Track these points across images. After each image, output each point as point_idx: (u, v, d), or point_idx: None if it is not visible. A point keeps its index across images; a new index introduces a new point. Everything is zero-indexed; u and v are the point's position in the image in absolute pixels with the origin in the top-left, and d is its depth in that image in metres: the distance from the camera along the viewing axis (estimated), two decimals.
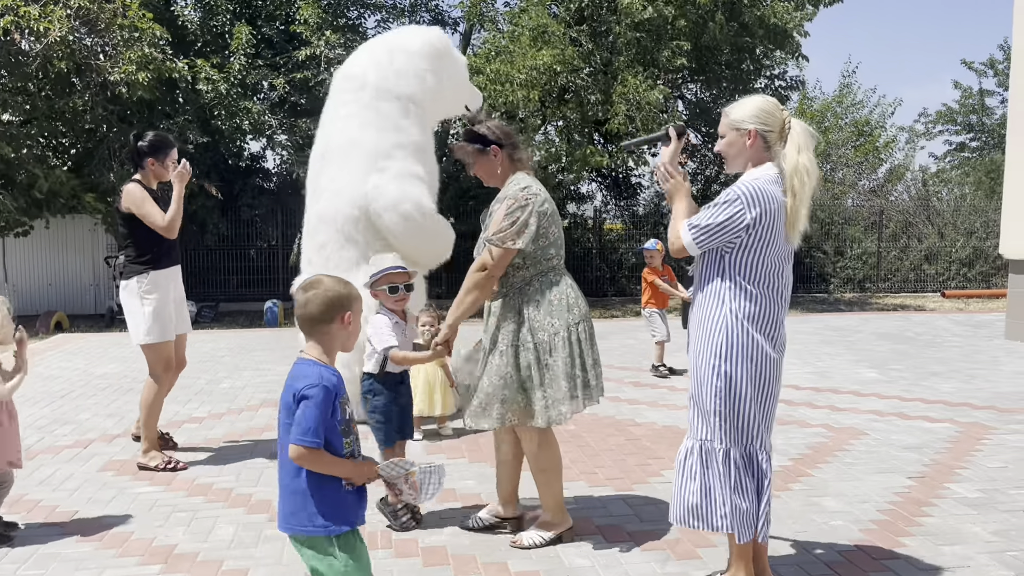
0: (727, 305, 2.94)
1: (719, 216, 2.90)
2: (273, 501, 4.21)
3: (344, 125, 5.81)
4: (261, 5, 14.17)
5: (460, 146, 3.74)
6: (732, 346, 2.92)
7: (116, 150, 12.14)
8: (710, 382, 2.96)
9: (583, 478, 4.55)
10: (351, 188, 5.62)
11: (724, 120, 3.06)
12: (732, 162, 3.07)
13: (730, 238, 2.90)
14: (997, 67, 27.16)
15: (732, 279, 2.94)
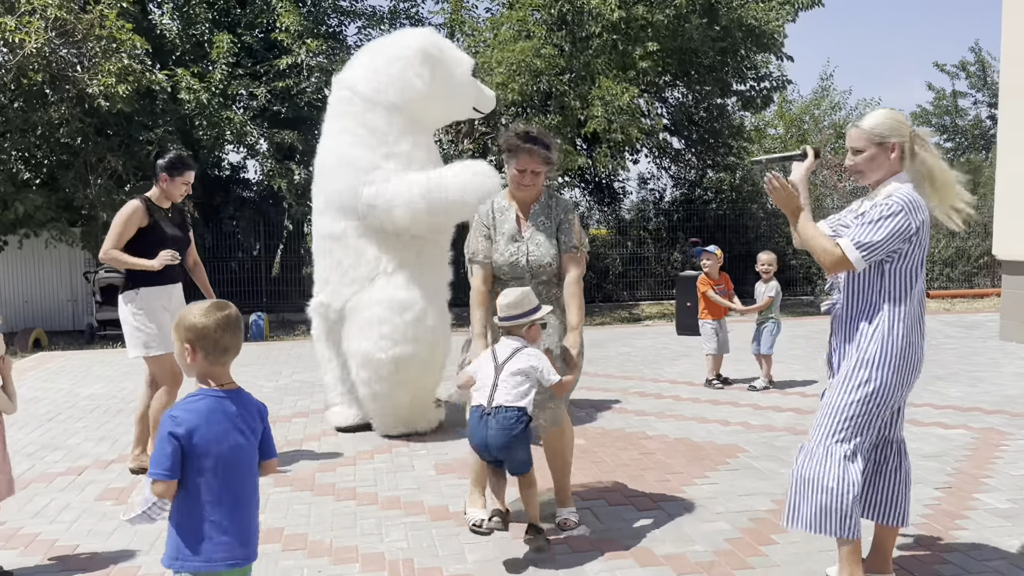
0: (888, 314, 2.99)
1: (886, 229, 2.92)
2: (284, 529, 4.04)
3: (337, 141, 5.68)
4: (241, 13, 13.94)
5: (537, 152, 3.72)
6: (886, 356, 2.98)
7: (93, 164, 11.86)
8: (863, 389, 3.00)
9: (602, 496, 4.42)
10: (351, 205, 5.49)
11: (859, 133, 3.04)
12: (869, 175, 3.07)
13: (895, 248, 2.95)
14: (969, 69, 27.50)
15: (892, 288, 2.99)
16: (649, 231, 17.75)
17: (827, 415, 3.07)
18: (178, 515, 2.31)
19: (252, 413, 2.42)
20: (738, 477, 4.70)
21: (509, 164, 3.80)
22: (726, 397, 6.88)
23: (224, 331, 2.36)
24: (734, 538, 3.80)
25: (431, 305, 5.56)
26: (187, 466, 2.27)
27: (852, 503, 2.98)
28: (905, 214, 2.92)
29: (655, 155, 18.41)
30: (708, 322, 7.33)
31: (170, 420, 2.27)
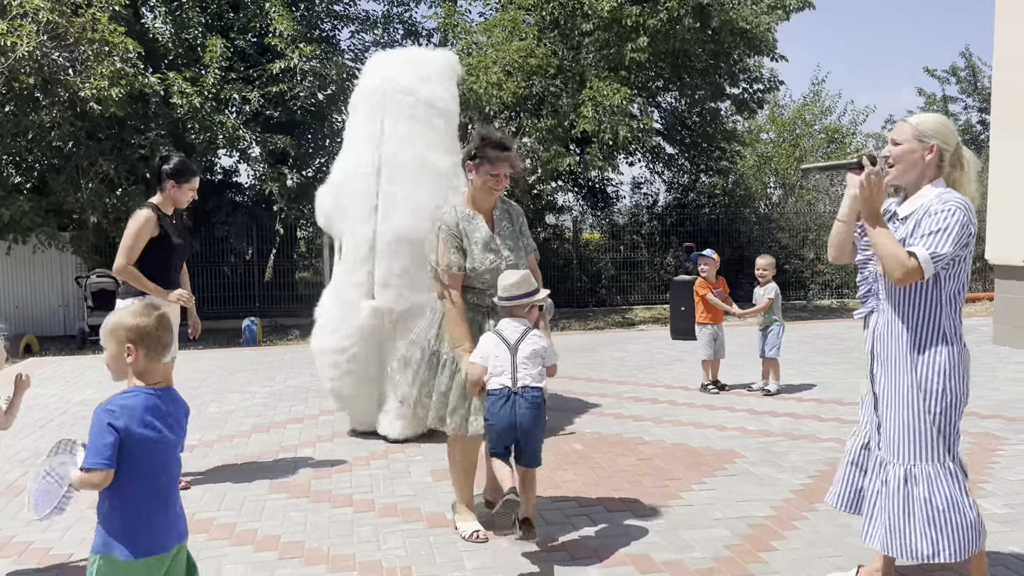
0: (944, 321, 2.92)
1: (954, 236, 2.81)
2: (281, 537, 4.01)
3: (407, 144, 5.62)
4: (234, 18, 13.91)
5: (511, 157, 3.79)
6: (954, 362, 2.91)
7: (84, 168, 11.80)
8: (944, 400, 2.90)
9: (601, 503, 4.40)
10: (429, 208, 5.13)
11: (905, 127, 2.96)
12: (905, 171, 2.96)
13: (957, 254, 2.86)
14: (959, 74, 27.63)
15: (950, 294, 2.92)
16: (642, 235, 17.78)
17: (920, 434, 2.92)
18: (109, 506, 2.40)
19: (181, 411, 2.55)
20: (736, 483, 4.69)
21: (481, 169, 3.73)
22: (722, 402, 6.87)
23: (164, 329, 2.50)
24: (733, 544, 3.79)
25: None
26: (122, 458, 2.36)
27: (979, 513, 2.95)
28: (966, 217, 2.84)
29: (648, 159, 18.46)
30: (706, 326, 7.29)
31: (108, 413, 2.37)
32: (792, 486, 4.61)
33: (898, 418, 2.96)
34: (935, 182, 2.95)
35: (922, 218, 2.89)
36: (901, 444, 2.96)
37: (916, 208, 2.93)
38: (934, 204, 2.88)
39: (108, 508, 2.40)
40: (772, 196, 20.81)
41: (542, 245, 16.94)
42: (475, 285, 3.80)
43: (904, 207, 3.00)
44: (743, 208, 18.65)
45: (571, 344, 10.68)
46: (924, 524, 2.91)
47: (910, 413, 2.94)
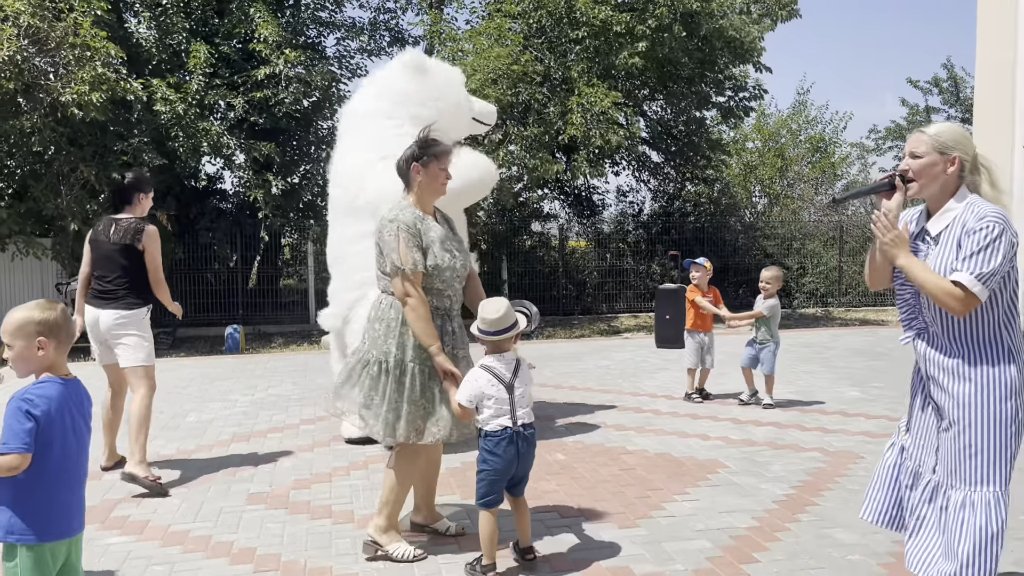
0: (1006, 336, 2.79)
1: (999, 253, 2.70)
2: (257, 549, 3.94)
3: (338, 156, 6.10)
4: (219, 23, 13.81)
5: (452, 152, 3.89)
6: (1021, 382, 2.78)
7: (65, 174, 11.67)
8: (1006, 422, 2.77)
9: (582, 514, 4.36)
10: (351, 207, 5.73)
11: (922, 137, 2.83)
12: (927, 185, 2.83)
13: (1007, 270, 2.75)
14: (942, 85, 27.85)
15: (1007, 311, 2.81)
16: (628, 244, 17.77)
17: (988, 458, 2.79)
18: (15, 491, 2.45)
19: (87, 401, 2.65)
20: (719, 493, 4.66)
21: (431, 167, 3.72)
22: (705, 411, 6.85)
23: (68, 321, 2.62)
24: (715, 556, 3.75)
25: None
26: (38, 444, 2.45)
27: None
28: (1007, 234, 2.72)
29: (634, 168, 18.49)
30: (695, 333, 7.21)
31: (25, 402, 2.44)
32: (775, 496, 4.58)
33: (965, 441, 2.81)
34: (959, 193, 2.82)
35: (961, 236, 2.76)
36: (966, 468, 2.81)
37: (949, 223, 2.80)
38: (970, 221, 2.74)
39: (12, 493, 2.46)
40: (757, 205, 20.89)
41: (528, 252, 16.92)
42: (435, 285, 3.70)
43: (934, 224, 2.86)
44: (728, 217, 18.70)
45: (556, 352, 10.65)
46: (974, 551, 2.78)
47: (979, 436, 2.79)
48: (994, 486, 2.79)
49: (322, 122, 14.79)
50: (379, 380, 3.63)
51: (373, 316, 3.73)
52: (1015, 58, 9.23)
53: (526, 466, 3.63)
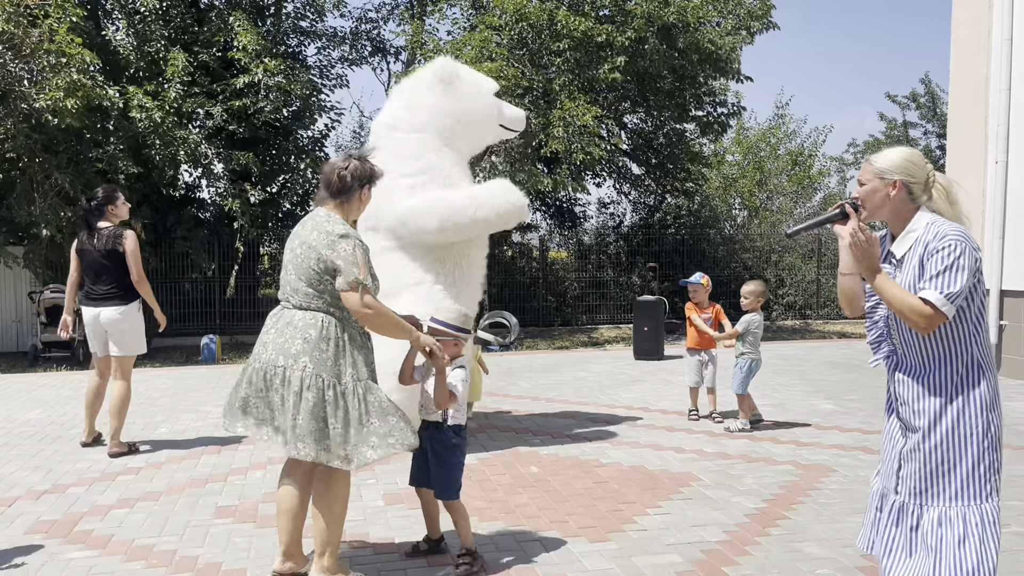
0: (976, 351, 2.81)
1: (964, 271, 2.73)
2: (223, 564, 3.88)
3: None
4: (198, 31, 13.73)
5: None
6: (993, 393, 2.81)
7: (39, 181, 11.54)
8: (978, 437, 2.78)
9: (554, 527, 4.33)
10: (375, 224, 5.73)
11: (868, 167, 2.90)
12: (875, 210, 2.90)
13: (971, 286, 2.78)
14: (919, 100, 28.19)
15: (975, 328, 2.82)
16: (608, 255, 17.80)
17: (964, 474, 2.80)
18: None
19: None
20: (691, 507, 4.64)
21: (368, 192, 3.70)
22: (681, 424, 6.84)
23: None
24: (685, 571, 3.73)
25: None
26: None
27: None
28: (969, 251, 2.76)
29: (615, 180, 18.54)
30: (695, 352, 7.01)
31: None
32: (746, 510, 4.57)
33: (939, 458, 2.81)
34: (919, 214, 2.86)
35: (923, 256, 2.79)
36: (941, 485, 2.81)
37: (912, 244, 2.83)
38: (931, 242, 2.79)
39: None
40: (737, 218, 21.01)
41: (509, 263, 16.91)
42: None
43: (897, 246, 2.89)
44: (708, 229, 18.78)
45: (535, 363, 10.63)
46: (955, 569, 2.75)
47: (953, 452, 2.80)
48: (973, 501, 2.78)
49: (302, 131, 14.72)
50: (337, 404, 3.41)
51: (317, 337, 3.43)
52: (988, 75, 9.34)
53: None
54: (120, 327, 5.96)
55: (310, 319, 3.46)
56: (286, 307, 3.56)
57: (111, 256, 5.90)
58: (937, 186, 2.89)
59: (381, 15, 18.02)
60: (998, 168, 9.17)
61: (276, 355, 3.44)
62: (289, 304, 3.54)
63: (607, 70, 13.13)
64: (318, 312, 3.47)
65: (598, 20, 13.54)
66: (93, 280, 5.98)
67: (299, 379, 3.38)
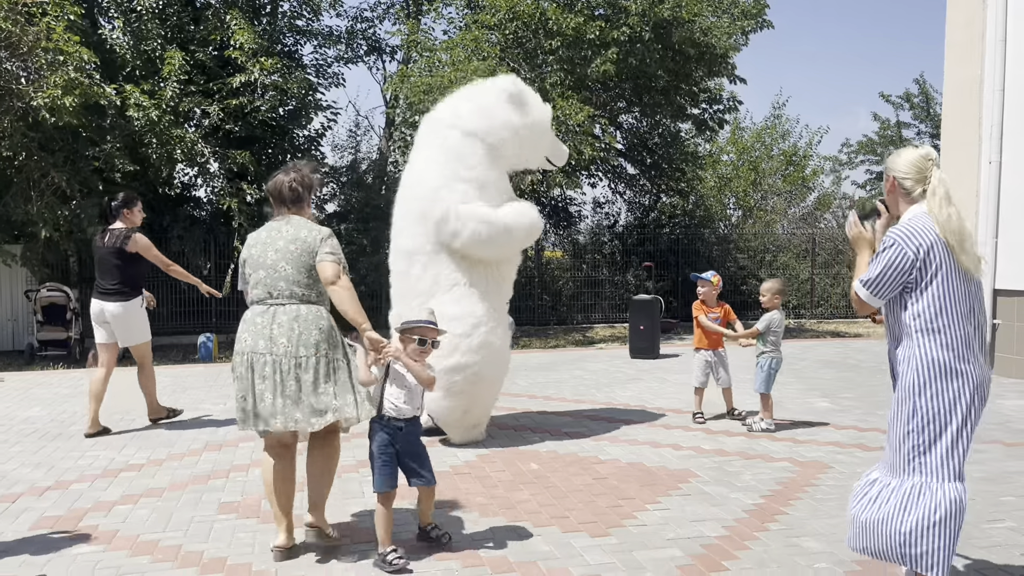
0: (919, 344, 3.07)
1: (881, 263, 3.10)
2: (228, 559, 3.92)
3: (415, 165, 6.15)
4: (195, 30, 13.74)
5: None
6: (928, 381, 3.04)
7: (36, 180, 11.53)
8: (912, 421, 3.07)
9: (554, 523, 4.37)
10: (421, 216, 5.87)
11: (885, 166, 3.39)
12: (890, 203, 3.35)
13: (903, 279, 3.08)
14: (913, 100, 28.33)
15: (919, 319, 3.07)
16: (603, 255, 17.86)
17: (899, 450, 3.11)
18: None
19: None
20: (690, 503, 4.70)
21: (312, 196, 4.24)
22: (678, 421, 6.90)
23: None
24: (686, 565, 3.79)
25: (485, 320, 5.86)
26: None
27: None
28: (897, 246, 3.07)
29: (610, 179, 18.60)
30: (701, 351, 6.86)
31: None
32: (745, 506, 4.63)
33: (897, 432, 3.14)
34: (909, 208, 3.21)
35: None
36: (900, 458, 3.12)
37: None
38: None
39: None
40: (731, 217, 21.09)
41: None
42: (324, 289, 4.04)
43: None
44: (703, 229, 18.86)
45: (531, 362, 10.68)
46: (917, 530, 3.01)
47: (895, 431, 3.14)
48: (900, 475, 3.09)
49: (298, 130, 14.74)
50: (344, 377, 3.93)
51: (328, 327, 3.92)
52: (982, 76, 9.42)
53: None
54: (123, 320, 6.49)
55: (316, 312, 3.91)
56: (279, 304, 3.89)
57: (118, 255, 6.44)
58: (930, 182, 3.18)
59: (376, 14, 18.09)
60: (992, 168, 9.26)
61: (295, 346, 3.81)
62: (283, 300, 3.88)
63: (598, 63, 13.17)
64: (319, 306, 3.94)
65: (591, 18, 13.58)
66: (101, 276, 6.55)
67: (325, 363, 3.86)
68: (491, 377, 6.02)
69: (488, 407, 6.26)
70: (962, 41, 9.81)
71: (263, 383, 3.81)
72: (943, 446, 3.02)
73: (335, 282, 3.84)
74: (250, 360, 3.82)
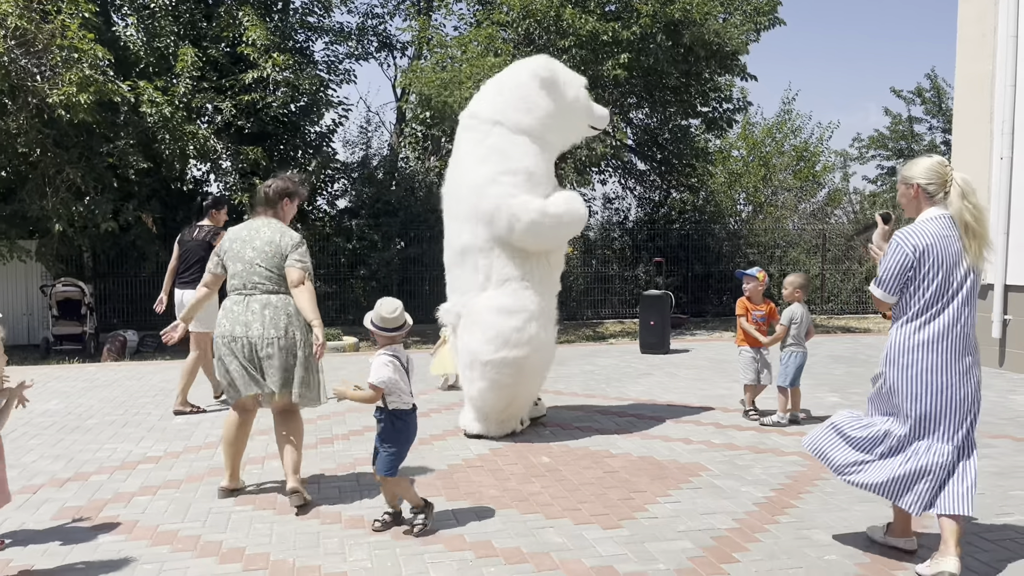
0: (896, 331, 3.69)
1: (888, 264, 3.65)
2: (246, 548, 3.99)
3: (460, 162, 6.20)
4: (207, 27, 13.84)
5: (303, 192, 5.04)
6: (894, 359, 3.66)
7: (51, 176, 11.65)
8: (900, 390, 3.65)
9: (567, 515, 4.43)
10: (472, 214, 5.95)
11: (899, 176, 3.79)
12: (907, 209, 3.78)
13: (906, 275, 3.61)
14: (925, 95, 28.20)
15: (902, 310, 3.66)
16: (614, 250, 17.89)
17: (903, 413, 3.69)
18: None
19: None
20: (700, 496, 4.75)
21: (295, 202, 4.91)
22: (689, 416, 6.94)
23: None
24: (696, 556, 3.84)
25: (536, 315, 5.93)
26: None
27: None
28: (898, 247, 3.60)
29: (620, 175, 18.62)
30: (744, 350, 6.80)
31: None
32: (755, 499, 4.67)
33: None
34: (926, 211, 3.67)
35: None
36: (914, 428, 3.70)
37: None
38: None
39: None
40: (742, 213, 21.07)
41: None
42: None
43: None
44: (713, 224, 18.86)
45: None
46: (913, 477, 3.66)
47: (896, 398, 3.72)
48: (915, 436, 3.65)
49: (310, 127, 14.82)
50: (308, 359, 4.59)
51: (295, 312, 4.55)
52: (994, 71, 9.40)
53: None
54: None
55: (285, 300, 4.56)
56: (252, 294, 4.55)
57: (206, 248, 7.01)
58: (956, 189, 3.60)
59: (387, 10, 18.16)
60: (1003, 164, 9.25)
61: (267, 329, 4.48)
62: (257, 291, 4.55)
63: (611, 66, 13.20)
64: (286, 295, 4.57)
65: (604, 17, 13.60)
66: (186, 267, 7.21)
67: (293, 343, 4.52)
68: (538, 371, 6.13)
69: (530, 400, 6.37)
70: (973, 36, 9.79)
71: (236, 360, 4.50)
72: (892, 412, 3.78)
73: (298, 285, 4.54)
74: (228, 342, 4.51)
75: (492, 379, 5.83)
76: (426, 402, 7.64)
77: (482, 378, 5.87)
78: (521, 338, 5.83)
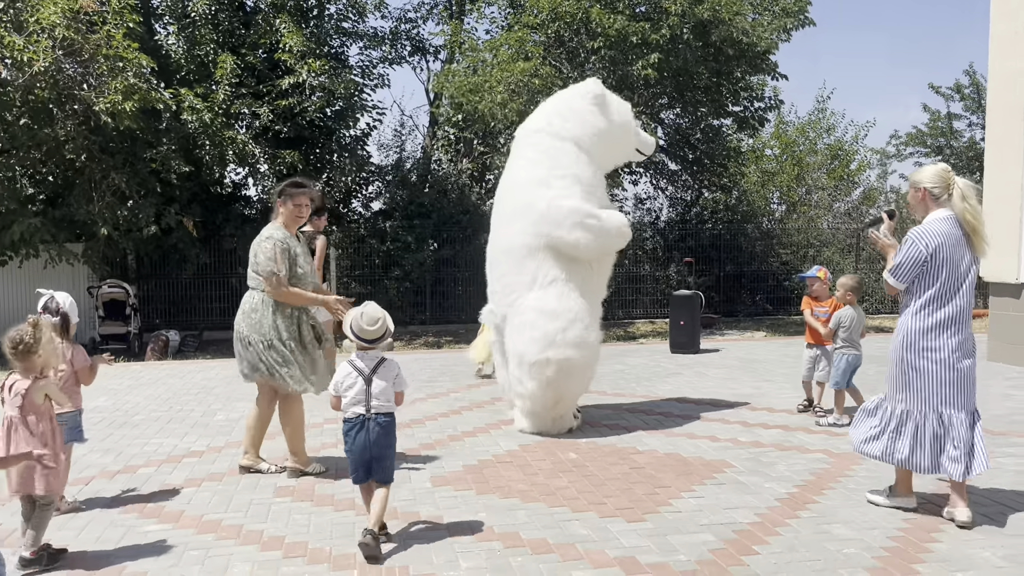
0: (902, 317, 4.35)
1: (902, 256, 4.24)
2: (286, 537, 4.19)
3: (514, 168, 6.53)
4: (245, 34, 14.18)
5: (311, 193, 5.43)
6: (898, 340, 4.39)
7: (97, 181, 12.05)
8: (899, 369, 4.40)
9: (593, 509, 4.57)
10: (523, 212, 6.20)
11: (909, 181, 4.40)
12: (916, 210, 4.37)
13: (918, 268, 4.21)
14: (963, 92, 27.78)
15: (907, 299, 4.31)
16: (645, 251, 17.94)
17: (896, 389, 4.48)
18: None
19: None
20: (724, 491, 4.86)
21: (287, 202, 5.23)
22: (716, 414, 7.03)
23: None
24: (717, 549, 3.96)
25: (582, 316, 6.15)
26: None
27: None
28: (913, 244, 4.20)
29: (651, 175, 18.66)
30: (810, 347, 7.01)
31: None
32: (778, 494, 4.78)
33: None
34: (933, 212, 4.26)
35: None
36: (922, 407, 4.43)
37: None
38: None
39: None
40: (775, 212, 20.97)
41: None
42: (300, 284, 5.14)
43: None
44: (745, 224, 18.81)
45: None
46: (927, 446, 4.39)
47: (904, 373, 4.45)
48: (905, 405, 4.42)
49: (345, 131, 15.09)
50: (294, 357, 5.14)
51: (249, 307, 5.13)
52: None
53: (380, 448, 4.09)
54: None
55: (251, 297, 5.13)
56: (247, 291, 5.20)
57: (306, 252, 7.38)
58: (956, 189, 4.16)
59: (420, 15, 18.35)
60: None
61: (239, 324, 5.17)
62: (249, 289, 5.18)
63: (641, 67, 13.28)
64: (253, 290, 5.13)
65: (632, 17, 13.68)
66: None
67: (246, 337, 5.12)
68: (583, 372, 6.30)
69: (576, 400, 6.56)
70: (1006, 33, 9.73)
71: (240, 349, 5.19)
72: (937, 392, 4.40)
73: (273, 293, 5.07)
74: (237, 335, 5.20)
75: (539, 379, 6.05)
76: (456, 400, 7.82)
77: (530, 378, 6.08)
78: (566, 339, 6.02)
